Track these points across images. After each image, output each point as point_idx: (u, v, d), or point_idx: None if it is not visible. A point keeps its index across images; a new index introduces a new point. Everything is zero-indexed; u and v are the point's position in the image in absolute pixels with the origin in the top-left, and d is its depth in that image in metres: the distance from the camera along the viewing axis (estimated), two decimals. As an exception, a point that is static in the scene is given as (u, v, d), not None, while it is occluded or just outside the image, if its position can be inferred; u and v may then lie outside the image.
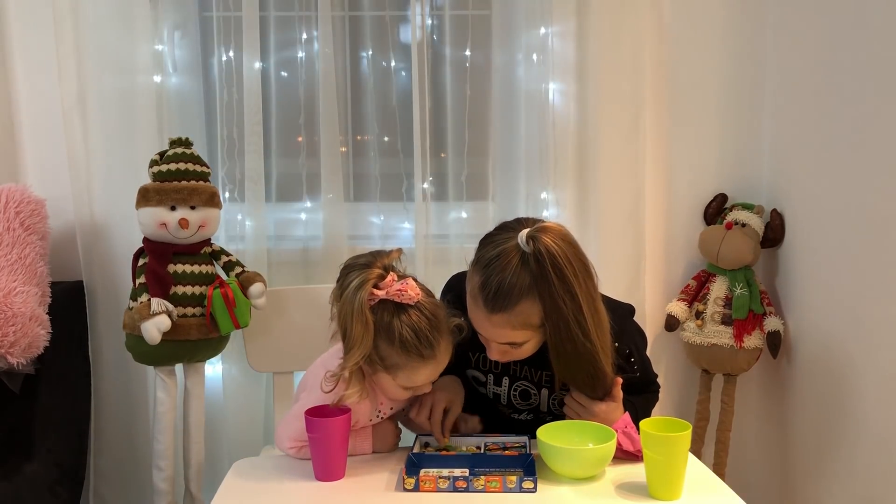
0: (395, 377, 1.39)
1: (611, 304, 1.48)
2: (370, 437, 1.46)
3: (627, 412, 1.48)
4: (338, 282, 1.40)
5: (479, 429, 1.56)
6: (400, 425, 1.56)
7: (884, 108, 1.63)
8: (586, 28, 2.07)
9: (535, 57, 2.12)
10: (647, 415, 1.59)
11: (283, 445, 1.47)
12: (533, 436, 1.39)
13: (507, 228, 1.40)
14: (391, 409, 1.49)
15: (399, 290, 1.36)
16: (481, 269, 1.37)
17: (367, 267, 1.38)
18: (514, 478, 1.30)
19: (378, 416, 1.49)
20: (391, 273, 1.39)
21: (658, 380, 1.69)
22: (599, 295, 1.40)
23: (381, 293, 1.35)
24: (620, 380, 1.46)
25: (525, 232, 1.35)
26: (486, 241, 1.41)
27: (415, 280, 1.42)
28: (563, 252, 1.33)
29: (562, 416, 1.55)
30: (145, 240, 1.84)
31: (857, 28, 1.73)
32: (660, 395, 1.70)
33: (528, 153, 2.16)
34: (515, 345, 1.41)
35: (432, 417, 1.48)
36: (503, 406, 1.61)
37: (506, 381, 1.58)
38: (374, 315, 1.35)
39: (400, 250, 1.44)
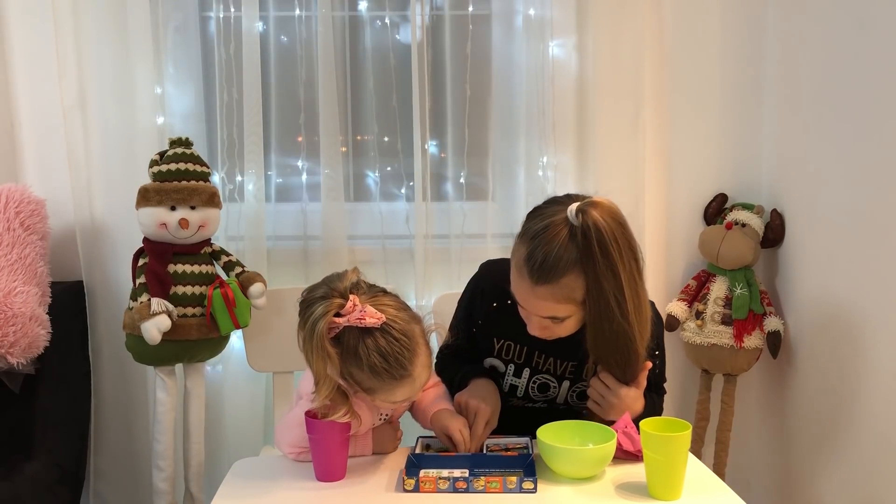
0: (374, 398, 1.35)
1: None
2: (370, 438, 1.46)
3: (627, 413, 1.48)
4: (299, 316, 1.34)
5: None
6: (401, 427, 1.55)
7: (884, 109, 1.63)
8: (586, 29, 2.07)
9: (535, 57, 2.12)
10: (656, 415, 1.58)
11: (283, 449, 1.47)
12: (534, 436, 1.39)
13: (557, 202, 1.39)
14: (392, 410, 1.49)
15: (358, 318, 1.28)
16: (528, 241, 1.36)
17: (324, 298, 1.30)
18: (514, 478, 1.30)
19: (381, 419, 1.48)
20: (352, 297, 1.30)
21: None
22: (643, 278, 1.39)
23: (342, 321, 1.29)
24: (650, 364, 1.46)
25: (575, 206, 1.33)
26: (534, 214, 1.40)
27: (385, 292, 1.37)
28: (610, 229, 1.31)
29: (578, 409, 1.56)
30: (145, 240, 1.84)
31: (857, 28, 1.73)
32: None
33: (528, 154, 2.16)
34: (557, 320, 1.39)
35: (473, 431, 1.44)
36: (517, 398, 1.60)
37: (526, 372, 1.57)
38: (339, 343, 1.30)
39: (356, 269, 1.37)
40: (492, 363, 1.59)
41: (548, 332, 1.43)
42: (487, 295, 1.58)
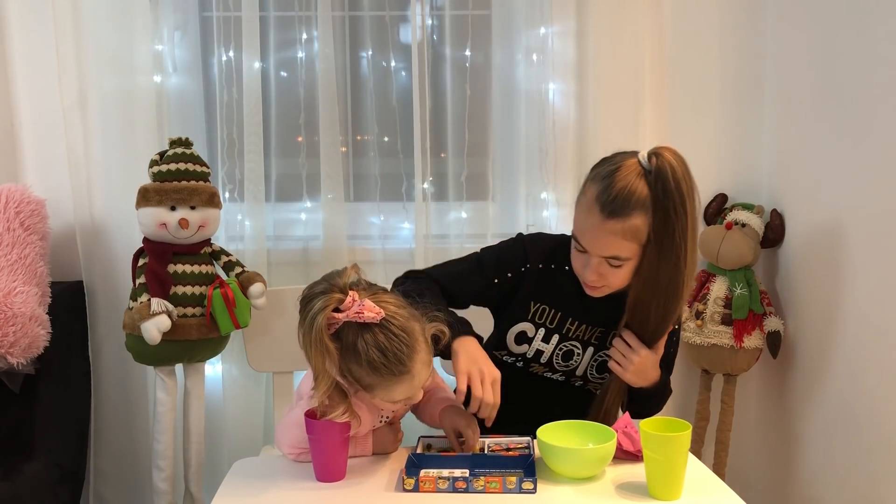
0: (373, 396, 1.34)
1: None
2: (370, 439, 1.46)
3: (627, 413, 1.48)
4: (300, 313, 1.33)
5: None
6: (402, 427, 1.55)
7: (884, 109, 1.63)
8: (586, 28, 2.08)
9: (535, 57, 2.13)
10: (662, 400, 1.61)
11: (283, 450, 1.47)
12: (535, 436, 1.39)
13: (623, 152, 1.47)
14: (392, 412, 1.48)
15: (357, 312, 1.28)
16: (600, 181, 1.43)
17: (324, 294, 1.30)
18: (513, 478, 1.30)
19: (382, 420, 1.48)
20: (351, 293, 1.30)
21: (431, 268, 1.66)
22: (698, 230, 1.47)
23: (341, 316, 1.28)
24: (671, 327, 1.53)
25: (646, 151, 1.42)
26: (603, 162, 1.47)
27: (385, 290, 1.37)
28: (681, 171, 1.40)
29: (592, 386, 1.63)
30: (145, 240, 1.84)
31: (857, 28, 1.73)
32: None
33: (528, 153, 2.16)
34: (616, 262, 1.44)
35: (492, 399, 1.42)
36: (539, 365, 1.62)
37: (555, 338, 1.59)
38: (339, 339, 1.29)
39: (356, 265, 1.36)
40: (520, 329, 1.60)
41: (602, 280, 1.47)
42: (532, 255, 1.60)
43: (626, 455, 1.41)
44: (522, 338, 1.61)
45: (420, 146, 2.10)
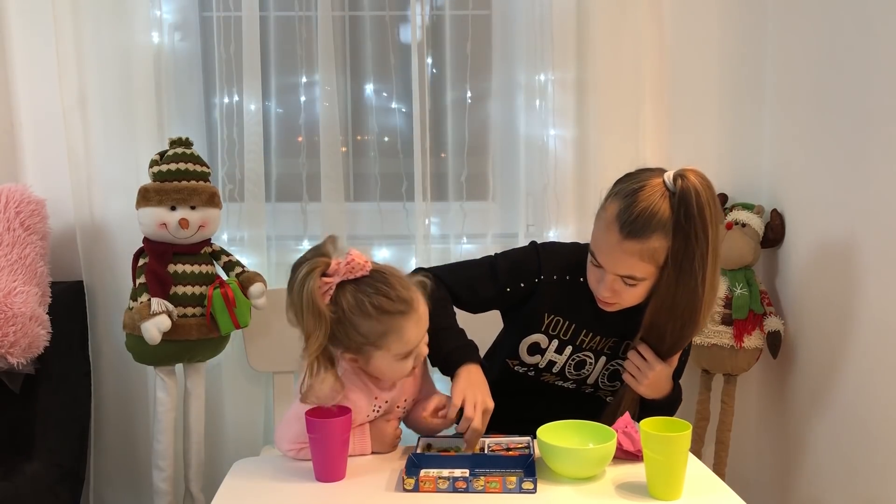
0: (389, 348, 1.37)
1: None
2: (367, 435, 1.46)
3: (627, 413, 1.48)
4: (288, 283, 1.37)
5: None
6: (402, 426, 1.55)
7: (884, 108, 1.63)
8: (586, 28, 2.07)
9: (535, 57, 2.12)
10: (673, 410, 1.60)
11: (283, 447, 1.47)
12: (535, 436, 1.39)
13: (648, 169, 1.46)
14: (386, 401, 1.49)
15: (347, 263, 1.34)
16: (622, 198, 1.42)
17: (309, 261, 1.35)
18: (513, 478, 1.30)
19: (376, 410, 1.48)
20: (335, 259, 1.35)
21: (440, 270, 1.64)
22: (720, 256, 1.44)
23: (333, 278, 1.34)
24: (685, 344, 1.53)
25: (672, 172, 1.41)
26: (627, 178, 1.46)
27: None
28: (706, 195, 1.38)
29: (602, 394, 1.64)
30: (145, 240, 1.84)
31: (858, 28, 1.73)
32: None
33: (527, 152, 2.16)
34: (632, 281, 1.43)
35: (477, 427, 1.42)
36: (551, 374, 1.62)
37: (569, 350, 1.59)
38: (337, 305, 1.34)
39: (332, 237, 1.40)
40: (533, 340, 1.60)
41: (615, 297, 1.47)
42: (547, 266, 1.59)
43: (627, 455, 1.41)
44: (535, 349, 1.61)
45: (420, 146, 2.10)
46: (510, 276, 1.59)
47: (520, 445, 1.44)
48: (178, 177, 1.81)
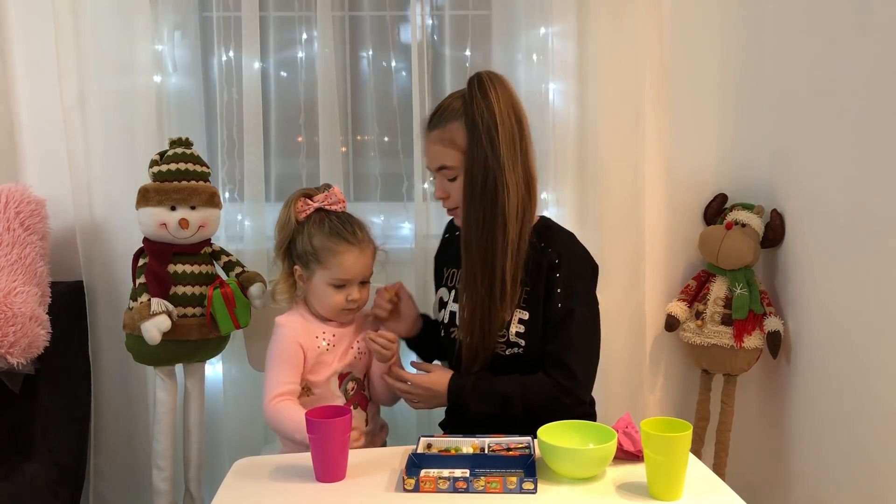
0: (328, 267, 1.64)
1: (559, 227, 1.70)
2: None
3: (628, 413, 1.47)
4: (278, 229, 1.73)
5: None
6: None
7: (884, 108, 1.63)
8: (586, 28, 2.07)
9: (535, 57, 2.13)
10: (533, 412, 1.55)
11: (267, 410, 1.63)
12: (535, 436, 1.39)
13: None
14: (334, 335, 1.70)
15: (327, 196, 1.69)
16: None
17: (302, 189, 1.73)
18: (514, 479, 1.30)
19: (326, 345, 1.68)
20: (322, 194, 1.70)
21: (584, 388, 1.61)
22: (530, 153, 1.60)
23: (313, 203, 1.68)
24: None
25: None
26: None
27: None
28: (490, 78, 1.57)
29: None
30: (145, 240, 1.84)
31: (857, 28, 1.73)
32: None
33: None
34: (449, 172, 1.60)
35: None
36: (456, 328, 1.69)
37: (465, 297, 1.65)
38: (308, 222, 1.66)
39: (328, 184, 1.75)
40: (439, 295, 1.78)
41: (444, 193, 1.64)
42: (443, 235, 1.86)
43: (627, 455, 1.41)
44: (441, 304, 1.77)
45: (420, 146, 2.09)
46: (435, 273, 1.88)
47: (520, 445, 1.44)
48: (178, 177, 1.81)
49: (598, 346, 1.64)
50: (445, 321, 1.73)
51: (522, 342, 1.61)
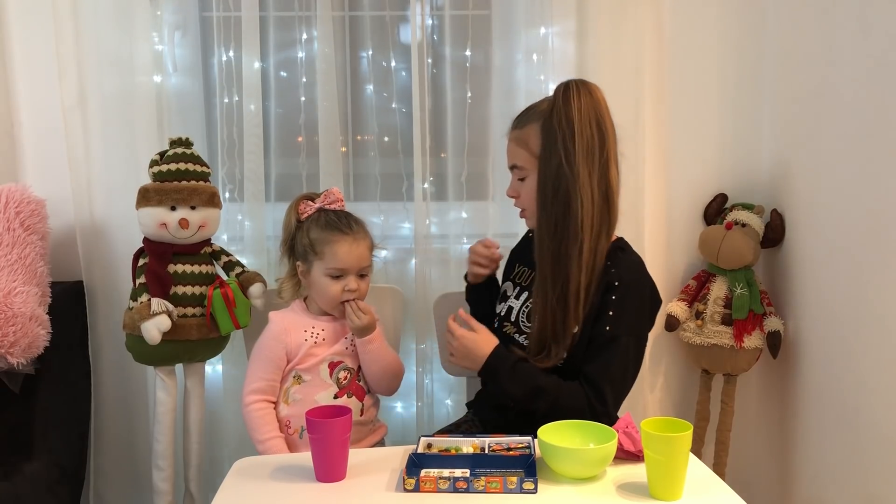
0: (323, 258, 1.70)
1: (632, 251, 1.65)
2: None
3: (628, 412, 1.47)
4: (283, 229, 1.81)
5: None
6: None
7: (884, 108, 1.63)
8: (586, 28, 2.07)
9: (534, 57, 2.13)
10: (556, 413, 1.47)
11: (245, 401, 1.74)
12: (535, 436, 1.39)
13: None
14: (323, 329, 1.75)
15: (327, 195, 1.78)
16: None
17: (306, 193, 1.82)
18: (514, 479, 1.30)
19: (314, 338, 1.73)
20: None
21: (610, 417, 1.55)
22: (611, 166, 1.57)
23: (314, 204, 1.77)
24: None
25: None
26: None
27: None
28: (578, 87, 1.53)
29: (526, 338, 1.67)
30: (145, 240, 1.84)
31: (857, 28, 1.73)
32: (665, 399, 1.72)
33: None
34: (520, 172, 1.61)
35: None
36: (510, 324, 1.69)
37: (525, 296, 1.68)
38: (307, 220, 1.75)
39: (332, 189, 1.82)
40: (505, 287, 1.78)
41: (515, 192, 1.64)
42: (527, 233, 1.83)
43: (627, 455, 1.41)
44: (504, 297, 1.76)
45: (420, 146, 2.10)
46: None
47: (520, 445, 1.44)
48: (178, 177, 1.81)
49: (633, 380, 1.60)
50: (502, 314, 1.72)
51: (565, 354, 1.59)
